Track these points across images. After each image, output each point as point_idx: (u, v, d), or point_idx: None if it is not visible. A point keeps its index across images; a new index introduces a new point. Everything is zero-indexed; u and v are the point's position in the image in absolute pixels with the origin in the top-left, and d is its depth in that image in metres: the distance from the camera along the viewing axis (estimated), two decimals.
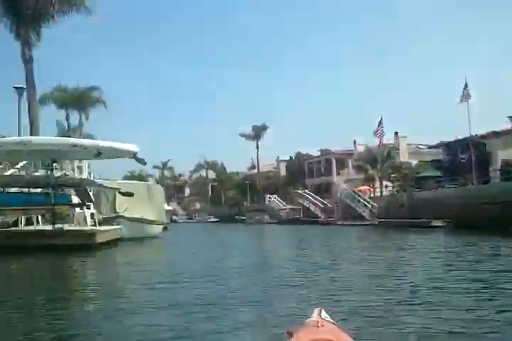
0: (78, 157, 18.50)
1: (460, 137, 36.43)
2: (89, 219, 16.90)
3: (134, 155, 15.91)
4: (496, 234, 18.06)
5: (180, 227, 41.97)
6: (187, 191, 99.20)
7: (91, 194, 20.92)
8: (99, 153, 15.39)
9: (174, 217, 61.32)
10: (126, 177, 68.86)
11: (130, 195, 18.53)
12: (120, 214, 19.93)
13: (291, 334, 2.13)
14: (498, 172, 31.19)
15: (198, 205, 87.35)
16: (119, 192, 18.99)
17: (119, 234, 17.72)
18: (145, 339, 4.21)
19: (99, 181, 20.74)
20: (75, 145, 15.16)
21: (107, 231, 16.16)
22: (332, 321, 2.30)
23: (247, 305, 5.67)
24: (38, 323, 4.95)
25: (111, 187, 19.74)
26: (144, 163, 18.16)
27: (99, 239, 14.46)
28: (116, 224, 18.72)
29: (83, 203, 16.54)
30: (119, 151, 15.79)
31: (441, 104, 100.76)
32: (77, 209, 17.05)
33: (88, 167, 22.44)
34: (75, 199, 17.33)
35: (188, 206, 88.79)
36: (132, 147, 15.73)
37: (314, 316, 2.25)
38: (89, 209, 17.47)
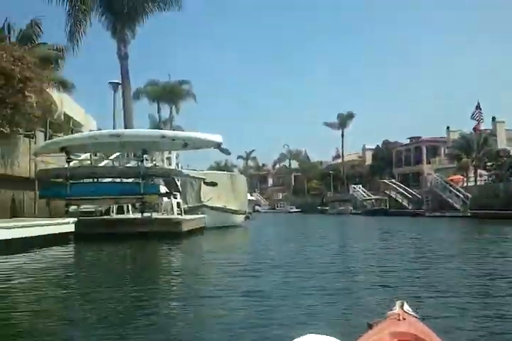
0: (167, 148, 19.16)
1: None
2: (175, 208, 17.50)
3: (218, 146, 16.12)
4: None
5: (262, 217, 42.41)
6: (270, 181, 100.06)
7: (178, 184, 21.71)
8: (185, 144, 15.82)
9: (257, 207, 62.13)
10: (211, 168, 71.06)
11: (214, 184, 18.95)
12: (204, 203, 20.50)
13: (370, 326, 2.06)
14: None
15: (280, 195, 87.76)
16: (204, 182, 19.49)
17: (203, 223, 18.23)
18: (221, 323, 4.28)
19: (186, 171, 21.39)
20: (163, 137, 15.66)
21: (192, 220, 16.67)
22: (415, 315, 2.18)
23: (327, 295, 5.60)
24: (121, 303, 5.22)
25: (197, 177, 20.30)
26: (228, 153, 18.41)
27: (185, 228, 14.92)
28: (201, 213, 19.28)
29: (170, 193, 17.11)
30: (204, 142, 16.07)
31: None
32: (165, 199, 17.68)
33: (176, 158, 23.29)
34: (163, 189, 18.00)
35: (271, 196, 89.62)
36: (217, 137, 15.94)
37: (396, 309, 2.15)
38: (176, 198, 18.06)
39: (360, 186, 58.71)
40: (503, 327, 4.08)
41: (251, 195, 44.86)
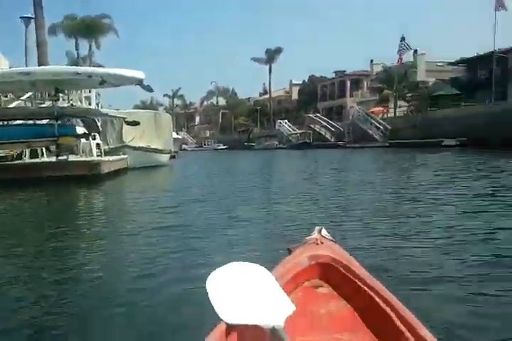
0: (83, 86, 18.04)
1: (482, 53, 34.72)
2: (94, 150, 16.83)
3: (139, 82, 15.38)
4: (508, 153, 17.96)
5: (188, 155, 42.34)
6: (197, 119, 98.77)
7: (99, 124, 20.74)
8: (103, 81, 14.93)
9: (184, 146, 61.28)
10: (136, 107, 68.50)
11: (136, 124, 18.24)
12: (126, 143, 19.89)
13: (290, 251, 2.13)
14: None
15: (208, 133, 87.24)
16: (125, 122, 18.73)
17: (125, 164, 17.81)
18: (143, 257, 4.33)
19: (106, 111, 20.42)
20: (78, 74, 14.69)
21: (112, 161, 16.14)
22: (331, 238, 2.28)
23: (248, 225, 5.78)
24: (40, 245, 5.17)
25: (117, 117, 19.45)
26: (151, 90, 17.61)
27: (105, 169, 14.45)
28: (123, 154, 18.76)
29: (88, 134, 16.37)
30: (124, 78, 15.21)
31: (467, 18, 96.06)
32: (83, 140, 16.92)
33: (97, 97, 22.20)
34: (81, 130, 17.19)
35: (198, 134, 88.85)
36: (138, 73, 15.14)
37: (314, 234, 2.23)
38: (95, 139, 17.33)
39: (286, 121, 59.31)
40: (405, 244, 4.47)
41: (177, 134, 44.12)
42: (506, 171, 11.95)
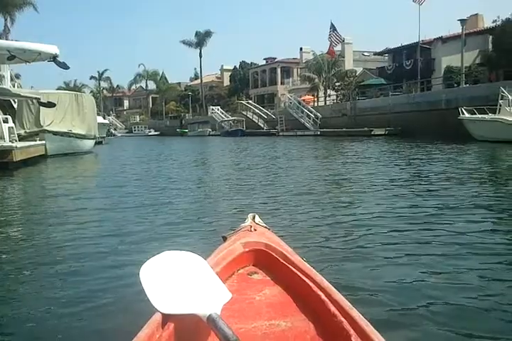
0: None
1: (406, 43, 35.72)
2: (7, 135, 15.20)
3: (53, 58, 14.10)
4: (436, 141, 18.55)
5: (117, 141, 40.69)
6: (126, 103, 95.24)
7: (15, 106, 18.97)
8: (12, 56, 13.53)
9: (113, 131, 58.80)
10: (59, 89, 64.40)
11: (51, 105, 16.68)
12: (44, 127, 18.28)
13: (225, 239, 2.14)
14: (441, 78, 31.24)
15: (138, 118, 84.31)
16: (39, 103, 17.07)
17: (43, 150, 16.37)
18: (72, 239, 4.24)
19: (17, 90, 18.59)
20: None
21: (27, 148, 14.70)
22: (265, 225, 2.31)
23: (181, 212, 5.57)
24: None
25: (29, 97, 17.72)
26: (66, 67, 16.12)
27: (19, 157, 13.09)
28: (40, 139, 17.23)
29: None
30: (35, 53, 13.87)
31: (392, 9, 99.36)
32: None
33: (14, 77, 20.41)
34: None
35: (128, 119, 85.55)
36: (50, 48, 13.88)
37: (248, 221, 2.27)
38: (7, 122, 15.70)
39: (219, 108, 58.44)
40: (333, 228, 4.56)
41: (104, 118, 42.05)
42: (422, 159, 12.31)
